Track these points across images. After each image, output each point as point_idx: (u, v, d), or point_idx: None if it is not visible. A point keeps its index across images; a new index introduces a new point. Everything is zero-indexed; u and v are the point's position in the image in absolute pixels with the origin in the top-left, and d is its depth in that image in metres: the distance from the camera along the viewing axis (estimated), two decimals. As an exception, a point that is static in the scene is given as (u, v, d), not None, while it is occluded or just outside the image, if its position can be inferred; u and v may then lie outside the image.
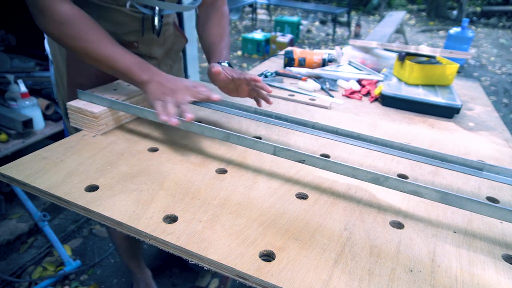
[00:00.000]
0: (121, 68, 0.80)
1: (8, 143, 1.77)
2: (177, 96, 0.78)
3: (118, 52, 0.80)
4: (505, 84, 4.60)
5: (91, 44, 0.78)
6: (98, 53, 0.79)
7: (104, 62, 0.80)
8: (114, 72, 0.82)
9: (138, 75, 0.80)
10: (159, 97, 0.78)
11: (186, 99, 0.78)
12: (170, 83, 0.80)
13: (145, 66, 0.81)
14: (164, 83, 0.79)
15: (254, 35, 5.14)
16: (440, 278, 0.51)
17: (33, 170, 0.68)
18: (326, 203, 0.65)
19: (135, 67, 0.80)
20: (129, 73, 0.80)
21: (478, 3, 9.20)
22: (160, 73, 0.81)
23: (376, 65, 1.46)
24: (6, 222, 1.78)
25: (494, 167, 0.68)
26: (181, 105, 0.76)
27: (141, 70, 0.80)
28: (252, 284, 0.49)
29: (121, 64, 0.79)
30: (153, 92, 0.79)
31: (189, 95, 0.80)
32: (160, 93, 0.78)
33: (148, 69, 0.81)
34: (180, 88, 0.80)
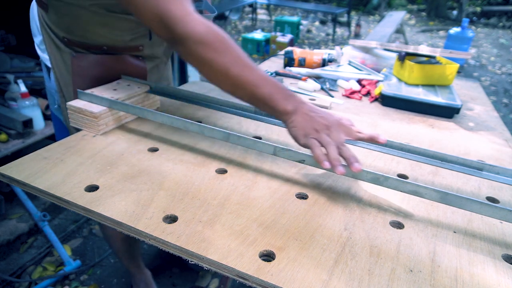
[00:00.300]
0: (262, 95, 0.68)
1: (8, 143, 1.77)
2: (333, 134, 0.66)
3: (259, 76, 0.68)
4: (505, 84, 4.61)
5: (232, 67, 0.67)
6: (238, 76, 0.67)
7: (243, 86, 0.68)
8: (253, 100, 0.70)
9: (282, 104, 0.68)
10: (312, 134, 0.66)
11: (343, 138, 0.67)
12: (321, 117, 0.68)
13: (288, 93, 0.70)
14: (314, 116, 0.68)
15: (254, 35, 5.14)
16: (440, 278, 0.51)
17: (33, 170, 0.68)
18: (326, 203, 0.65)
19: (278, 95, 0.68)
20: (271, 100, 0.68)
21: (478, 3, 9.21)
22: (305, 103, 0.70)
23: (376, 65, 1.46)
24: (6, 222, 1.78)
25: (494, 167, 0.68)
26: (342, 146, 0.65)
27: (285, 99, 0.68)
28: (252, 284, 0.49)
29: (262, 90, 0.68)
30: (302, 127, 0.67)
31: (345, 133, 0.69)
32: (312, 129, 0.66)
33: (292, 98, 0.70)
34: (333, 124, 0.68)
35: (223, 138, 0.72)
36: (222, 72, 0.67)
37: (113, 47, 0.93)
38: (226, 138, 0.72)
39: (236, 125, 0.93)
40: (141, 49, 0.98)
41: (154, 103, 0.97)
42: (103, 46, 0.92)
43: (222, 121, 0.94)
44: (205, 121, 0.94)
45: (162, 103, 1.00)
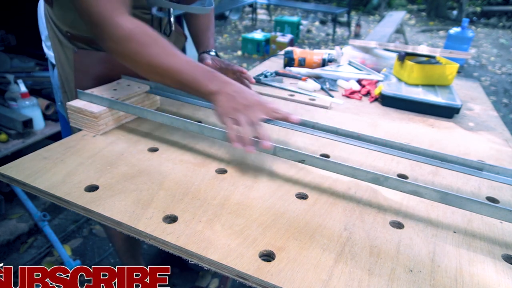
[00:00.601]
0: (186, 80, 0.73)
1: (8, 143, 1.77)
2: (250, 114, 0.71)
3: (181, 62, 0.73)
4: (505, 84, 4.61)
5: (155, 57, 0.72)
6: (161, 66, 0.73)
7: (168, 75, 0.73)
8: (180, 85, 0.75)
9: (206, 86, 0.72)
10: (230, 114, 0.70)
11: (260, 118, 0.71)
12: (242, 97, 0.72)
13: (212, 74, 0.74)
14: (235, 96, 0.72)
15: (254, 35, 5.14)
16: (440, 278, 0.51)
17: (33, 170, 0.68)
18: (326, 203, 0.65)
19: (201, 77, 0.73)
20: (195, 83, 0.73)
21: (478, 3, 9.21)
22: (230, 83, 0.74)
23: (376, 65, 1.46)
24: (6, 222, 1.78)
25: (494, 167, 0.68)
26: (255, 125, 0.70)
27: (208, 80, 0.73)
28: (252, 284, 0.49)
29: (185, 75, 0.73)
30: (223, 106, 0.71)
31: (263, 112, 0.73)
32: (231, 109, 0.71)
33: (216, 78, 0.73)
34: (253, 104, 0.72)
35: (223, 138, 0.72)
36: (148, 63, 0.73)
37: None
38: (226, 138, 0.72)
39: (236, 125, 0.93)
40: None
41: (154, 103, 0.97)
42: None
43: (222, 121, 0.94)
44: (205, 121, 0.94)
45: (162, 103, 1.01)
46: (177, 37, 1.13)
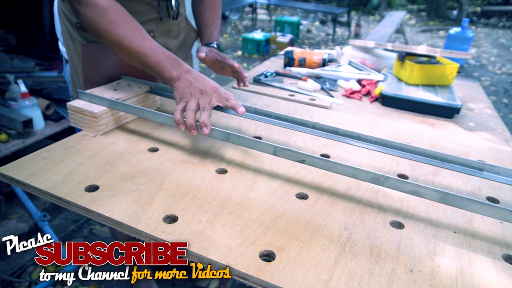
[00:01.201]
0: (151, 63, 0.78)
1: (8, 143, 1.77)
2: (204, 99, 0.75)
3: (149, 46, 0.78)
4: (505, 84, 4.60)
5: (124, 38, 0.77)
6: (129, 47, 0.78)
7: (135, 56, 0.79)
8: (145, 67, 0.80)
9: (168, 71, 0.77)
10: (185, 98, 0.75)
11: (211, 103, 0.76)
12: (199, 83, 0.77)
13: (176, 62, 0.79)
14: (193, 82, 0.77)
15: (254, 35, 5.14)
16: (440, 278, 0.51)
17: (33, 170, 0.68)
18: (326, 203, 0.65)
19: (165, 63, 0.78)
20: (158, 68, 0.78)
21: (478, 3, 9.20)
22: (190, 71, 0.79)
23: (376, 65, 1.46)
24: (6, 222, 1.78)
25: (494, 167, 0.68)
26: (204, 110, 0.74)
27: (171, 66, 0.78)
28: (252, 284, 0.49)
29: (151, 58, 0.78)
30: (179, 91, 0.77)
31: (216, 99, 0.77)
32: (187, 93, 0.75)
33: (179, 66, 0.79)
34: (208, 90, 0.76)
35: (223, 138, 0.72)
36: (117, 43, 0.78)
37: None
38: (226, 138, 0.72)
39: (236, 125, 0.93)
40: (152, 36, 0.98)
41: (154, 103, 0.97)
42: None
43: (222, 121, 0.94)
44: (205, 121, 0.93)
45: (162, 103, 1.00)
46: (188, 32, 1.14)
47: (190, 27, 1.15)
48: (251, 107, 0.84)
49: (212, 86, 0.77)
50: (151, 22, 0.97)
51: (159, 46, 0.80)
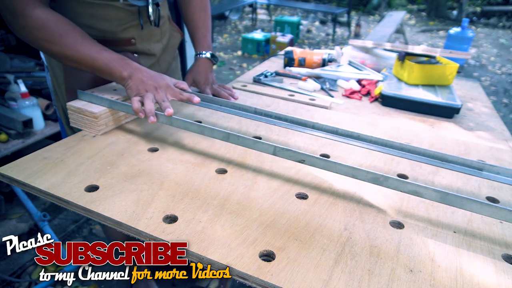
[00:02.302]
0: (99, 66, 0.79)
1: (8, 143, 1.77)
2: (159, 94, 0.78)
3: (95, 50, 0.79)
4: (505, 84, 4.60)
5: (67, 47, 0.77)
6: (75, 54, 0.78)
7: (83, 62, 0.79)
8: (95, 71, 0.81)
9: (118, 72, 0.79)
10: (140, 92, 0.78)
11: (166, 98, 0.78)
12: (152, 80, 0.79)
13: (124, 62, 0.80)
14: (145, 80, 0.79)
15: (254, 35, 5.14)
16: (440, 278, 0.51)
17: (33, 170, 0.68)
18: (326, 203, 0.65)
19: (113, 64, 0.79)
20: (108, 69, 0.79)
21: (478, 3, 9.20)
22: (141, 69, 0.80)
23: (376, 65, 1.46)
24: (6, 222, 1.78)
25: (494, 167, 0.68)
26: (162, 102, 0.76)
27: (120, 66, 0.79)
28: (252, 284, 0.49)
29: (99, 62, 0.79)
30: (132, 88, 0.79)
31: (170, 94, 0.80)
32: (142, 89, 0.78)
33: (128, 65, 0.80)
34: (161, 86, 0.79)
35: (223, 138, 0.72)
36: (62, 53, 0.78)
37: (103, 40, 0.91)
38: (226, 138, 0.72)
39: (236, 125, 0.93)
40: (133, 43, 0.96)
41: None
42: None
43: (222, 121, 0.94)
44: (205, 121, 0.94)
45: (162, 103, 1.00)
46: (172, 33, 1.11)
47: (174, 28, 1.12)
48: (251, 107, 0.84)
49: (165, 82, 0.80)
50: (131, 29, 0.95)
51: (105, 49, 0.81)
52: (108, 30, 0.91)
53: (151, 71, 0.81)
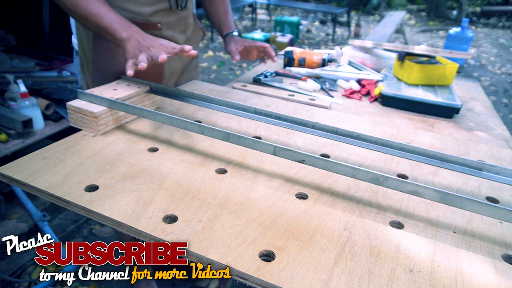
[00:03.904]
0: (103, 25, 0.84)
1: (8, 143, 1.77)
2: (152, 52, 0.83)
3: (104, 10, 0.85)
4: (505, 84, 4.61)
5: (81, 2, 0.84)
6: (85, 11, 0.84)
7: (90, 19, 0.85)
8: (99, 30, 0.86)
9: (119, 32, 0.84)
10: (135, 55, 0.82)
11: (159, 53, 0.82)
12: (147, 42, 0.84)
13: (127, 24, 0.85)
14: (141, 41, 0.83)
15: (254, 35, 5.13)
16: (440, 278, 0.51)
17: (33, 170, 0.68)
18: (326, 203, 0.65)
19: (116, 25, 0.84)
20: (110, 29, 0.84)
21: (478, 3, 9.20)
22: (140, 32, 0.85)
23: (376, 65, 1.46)
24: (6, 222, 1.78)
25: (494, 167, 0.68)
26: (155, 54, 0.82)
27: (122, 28, 0.84)
28: (252, 284, 0.49)
29: (104, 21, 0.84)
30: (130, 51, 0.83)
31: (164, 51, 0.84)
32: (137, 50, 0.82)
33: (129, 28, 0.85)
34: (156, 46, 0.84)
35: (223, 138, 0.72)
36: (72, 10, 0.86)
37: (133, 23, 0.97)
38: (226, 138, 0.72)
39: (236, 125, 0.93)
40: (159, 28, 1.04)
41: (154, 103, 0.97)
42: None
43: (222, 121, 0.94)
44: (205, 121, 0.94)
45: (162, 103, 1.00)
46: (195, 29, 1.19)
47: (197, 25, 1.21)
48: (251, 107, 0.84)
49: (158, 42, 0.85)
50: (159, 14, 1.02)
51: (113, 11, 0.86)
52: (138, 12, 0.99)
53: (149, 35, 0.86)
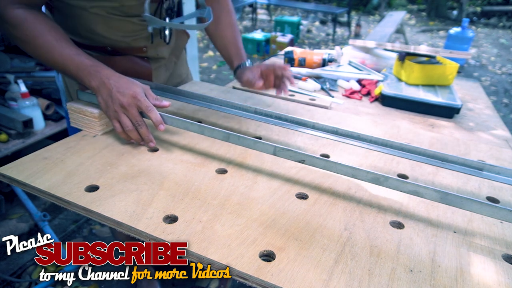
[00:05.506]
0: (70, 72, 0.79)
1: (8, 143, 1.77)
2: (129, 113, 0.75)
3: (68, 55, 0.78)
4: (505, 84, 4.60)
5: (40, 48, 0.77)
6: (48, 57, 0.78)
7: (55, 65, 0.79)
8: (67, 76, 0.82)
9: (87, 81, 0.77)
10: (112, 117, 0.76)
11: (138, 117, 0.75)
12: (119, 92, 0.74)
13: (94, 70, 0.77)
14: (113, 95, 0.74)
15: (254, 35, 5.14)
16: (440, 278, 0.51)
17: (33, 170, 0.68)
18: (326, 203, 0.65)
19: (83, 72, 0.77)
20: (78, 77, 0.78)
21: (478, 3, 9.20)
22: (109, 79, 0.76)
23: (376, 65, 1.46)
24: (6, 222, 1.78)
25: (494, 167, 0.68)
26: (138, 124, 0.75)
27: (89, 75, 0.77)
28: (252, 284, 0.49)
29: (69, 67, 0.78)
30: (105, 110, 0.77)
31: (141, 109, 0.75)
32: (112, 111, 0.75)
33: (97, 74, 0.76)
34: (129, 104, 0.74)
35: (223, 138, 0.72)
36: (37, 53, 0.79)
37: (117, 48, 0.95)
38: (226, 138, 0.72)
39: (236, 125, 0.93)
40: (145, 51, 0.99)
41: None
42: (107, 47, 0.94)
43: (222, 121, 0.94)
44: (205, 121, 0.94)
45: (162, 103, 1.00)
46: (179, 35, 1.13)
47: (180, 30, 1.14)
48: (251, 107, 0.84)
49: (131, 94, 0.74)
50: (143, 40, 0.97)
51: (79, 54, 0.78)
52: (121, 40, 0.94)
53: (121, 78, 0.77)
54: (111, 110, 0.76)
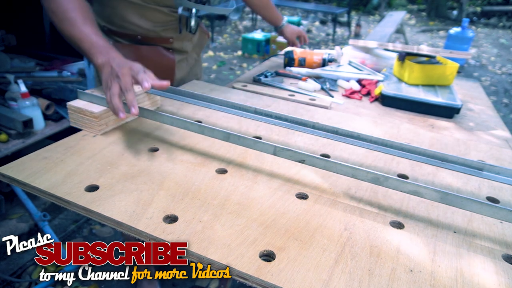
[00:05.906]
0: (83, 48, 0.83)
1: (8, 143, 1.77)
2: (121, 81, 0.77)
3: (86, 33, 0.83)
4: (505, 84, 4.61)
5: (65, 22, 0.84)
6: (69, 32, 0.84)
7: (73, 40, 0.84)
8: (82, 52, 0.85)
9: (96, 57, 0.81)
10: (106, 86, 0.78)
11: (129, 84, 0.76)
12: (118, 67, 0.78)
13: (105, 49, 0.81)
14: (114, 67, 0.78)
15: (254, 35, 5.14)
16: (440, 278, 0.51)
17: (33, 170, 0.68)
18: (326, 203, 0.65)
19: (95, 49, 0.81)
20: (89, 53, 0.82)
21: (478, 3, 9.20)
22: (115, 58, 0.80)
23: (376, 65, 1.46)
24: (6, 222, 1.78)
25: (494, 167, 0.68)
26: (126, 91, 0.75)
27: (99, 53, 0.81)
28: (252, 284, 0.49)
29: (84, 44, 0.82)
30: (104, 79, 0.80)
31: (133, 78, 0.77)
32: (109, 80, 0.78)
33: (107, 53, 0.81)
34: (124, 72, 0.77)
35: (223, 138, 0.72)
36: (59, 28, 0.86)
37: (146, 37, 1.08)
38: (226, 138, 0.72)
39: (236, 125, 0.93)
40: (171, 42, 1.11)
41: (154, 103, 0.97)
42: (137, 36, 1.07)
43: (222, 121, 0.94)
44: (205, 121, 0.94)
45: (162, 103, 1.01)
46: (201, 34, 1.27)
47: (202, 30, 1.27)
48: (251, 107, 0.84)
49: (129, 65, 0.78)
50: (171, 30, 1.10)
51: (97, 34, 0.84)
52: (151, 29, 1.06)
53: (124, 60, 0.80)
54: (109, 80, 0.78)
